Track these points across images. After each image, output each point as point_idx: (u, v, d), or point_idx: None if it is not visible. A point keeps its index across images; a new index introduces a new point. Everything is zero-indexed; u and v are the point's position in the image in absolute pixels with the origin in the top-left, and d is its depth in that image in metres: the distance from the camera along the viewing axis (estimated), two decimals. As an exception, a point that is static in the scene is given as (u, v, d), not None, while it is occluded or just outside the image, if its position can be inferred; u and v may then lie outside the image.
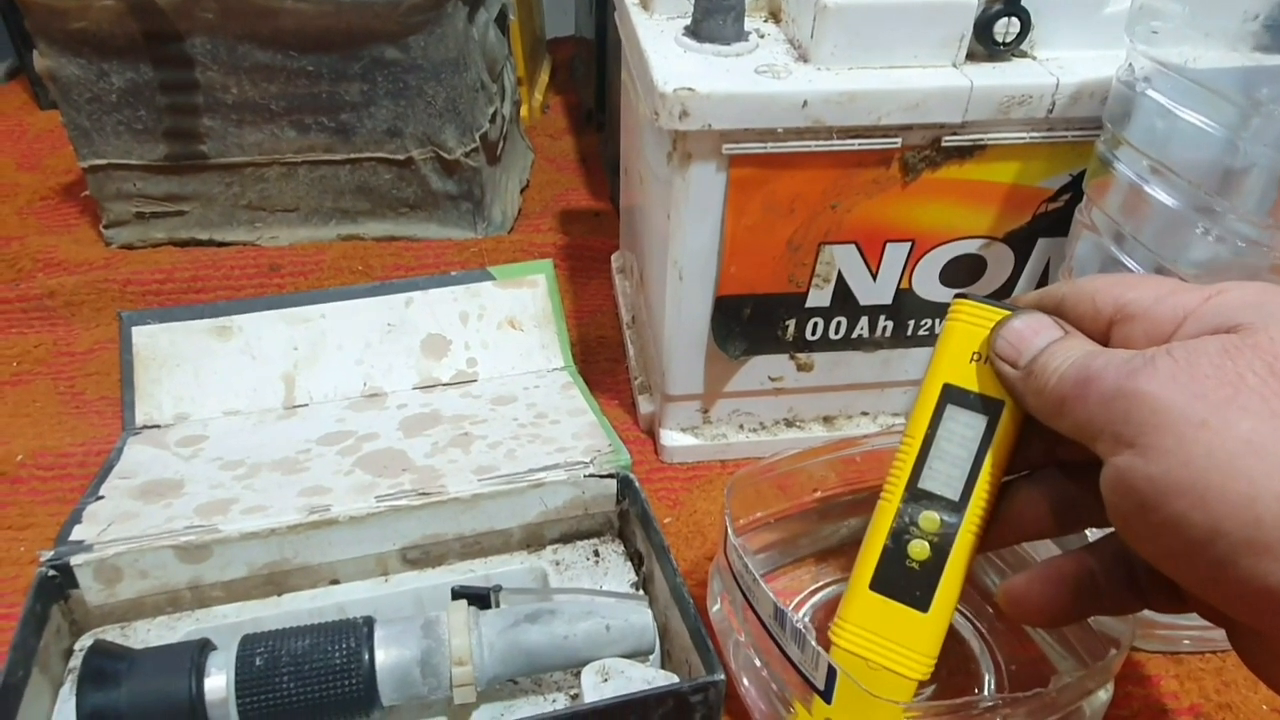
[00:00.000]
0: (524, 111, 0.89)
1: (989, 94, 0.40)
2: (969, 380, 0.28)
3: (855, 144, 0.41)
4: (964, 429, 0.28)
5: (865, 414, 0.52)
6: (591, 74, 0.84)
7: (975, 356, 0.28)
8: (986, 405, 0.27)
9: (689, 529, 0.47)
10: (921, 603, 0.28)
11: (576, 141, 0.89)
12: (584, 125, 0.91)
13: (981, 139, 0.41)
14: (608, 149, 0.76)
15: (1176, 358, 0.22)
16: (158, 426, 0.47)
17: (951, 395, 0.28)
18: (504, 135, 0.74)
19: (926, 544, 0.28)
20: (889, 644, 0.29)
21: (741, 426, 0.52)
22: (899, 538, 0.28)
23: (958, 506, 0.28)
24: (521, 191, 0.79)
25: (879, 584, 0.29)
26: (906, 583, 0.28)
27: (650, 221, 0.50)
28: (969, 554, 0.28)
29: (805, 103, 0.39)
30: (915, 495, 0.28)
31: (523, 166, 0.81)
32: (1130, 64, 0.36)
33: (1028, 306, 0.28)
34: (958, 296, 0.28)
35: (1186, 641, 0.41)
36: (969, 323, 0.28)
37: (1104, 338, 0.26)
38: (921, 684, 0.29)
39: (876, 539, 0.29)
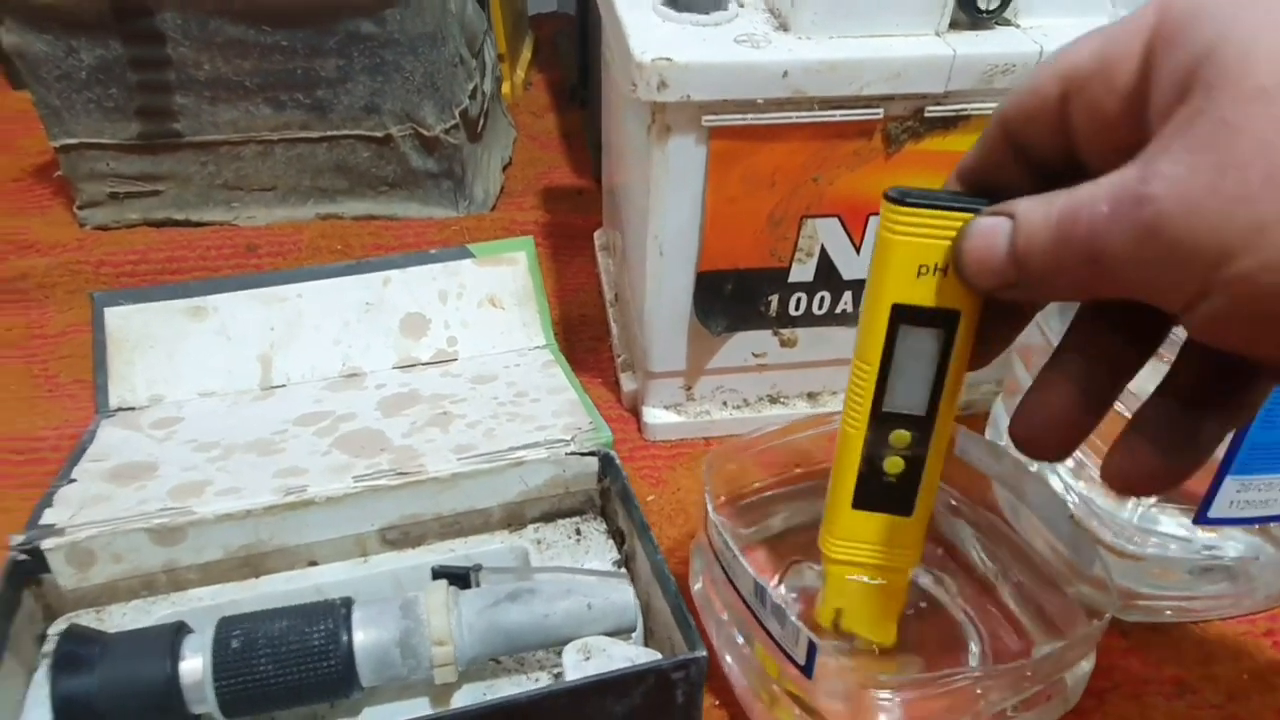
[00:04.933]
0: (506, 88, 0.87)
1: (972, 63, 0.39)
2: (919, 296, 0.26)
3: (837, 115, 0.40)
4: (922, 345, 0.27)
5: (849, 390, 0.52)
6: (574, 50, 0.83)
7: (922, 270, 0.26)
8: (942, 318, 0.26)
9: (672, 507, 0.46)
10: (904, 508, 0.30)
11: (560, 119, 0.88)
12: (567, 102, 0.90)
13: (965, 109, 0.41)
14: (591, 126, 0.75)
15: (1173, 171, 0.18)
16: (132, 409, 0.46)
17: (903, 315, 0.27)
18: (485, 112, 0.73)
19: (900, 458, 0.29)
20: (877, 548, 0.31)
21: (725, 403, 0.51)
22: (872, 459, 0.29)
23: (926, 421, 0.28)
24: (504, 169, 0.78)
25: (861, 501, 0.30)
26: (887, 495, 0.30)
27: (631, 197, 0.49)
28: (943, 453, 0.29)
29: (786, 73, 0.38)
30: (882, 419, 0.28)
31: (505, 144, 0.80)
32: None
33: (964, 171, 0.25)
34: (888, 199, 0.25)
35: (1169, 612, 0.41)
36: (908, 235, 0.25)
37: (1061, 127, 0.22)
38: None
39: (848, 463, 0.29)
